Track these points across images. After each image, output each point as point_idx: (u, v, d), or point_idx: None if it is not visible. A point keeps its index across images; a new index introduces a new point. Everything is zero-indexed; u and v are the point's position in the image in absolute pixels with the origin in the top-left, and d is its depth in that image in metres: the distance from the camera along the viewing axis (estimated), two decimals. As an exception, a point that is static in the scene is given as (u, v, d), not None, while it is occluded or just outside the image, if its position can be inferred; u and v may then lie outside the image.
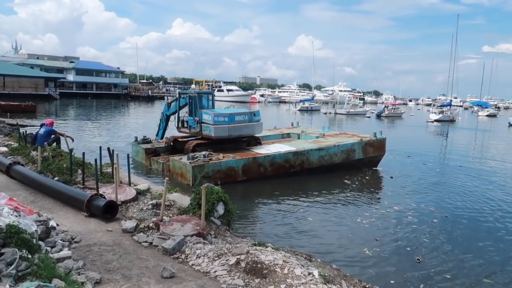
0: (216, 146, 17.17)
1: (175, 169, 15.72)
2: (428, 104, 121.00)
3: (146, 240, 7.18)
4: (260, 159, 16.31)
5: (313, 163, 17.63)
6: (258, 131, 18.42)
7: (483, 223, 12.34)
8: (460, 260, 9.45)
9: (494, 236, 11.26)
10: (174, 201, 9.31)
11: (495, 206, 14.19)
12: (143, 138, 20.11)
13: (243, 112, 18.09)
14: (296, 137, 22.33)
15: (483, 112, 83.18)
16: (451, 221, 12.36)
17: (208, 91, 19.66)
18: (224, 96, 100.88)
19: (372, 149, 19.68)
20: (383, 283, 8.01)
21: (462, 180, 18.37)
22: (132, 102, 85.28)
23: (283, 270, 6.15)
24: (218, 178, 14.23)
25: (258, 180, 15.87)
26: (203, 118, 17.16)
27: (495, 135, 45.53)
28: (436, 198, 15.16)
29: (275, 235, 10.39)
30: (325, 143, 18.94)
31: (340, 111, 67.92)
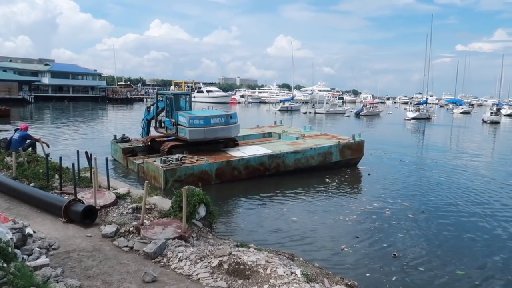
0: (192, 147, 17.15)
1: (148, 171, 15.66)
2: (405, 103, 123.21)
3: (127, 245, 7.08)
4: (234, 163, 16.21)
5: (289, 166, 17.61)
6: (234, 133, 18.39)
7: (457, 217, 12.67)
8: (434, 253, 9.72)
9: (468, 229, 11.58)
10: (155, 204, 9.20)
11: (469, 200, 14.61)
12: (122, 137, 19.99)
13: (219, 115, 17.93)
14: (277, 136, 22.43)
15: (457, 110, 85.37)
16: (427, 216, 12.66)
17: (185, 92, 19.75)
18: (204, 97, 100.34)
19: (350, 152, 19.69)
20: (360, 277, 8.16)
21: (438, 176, 18.81)
22: (110, 104, 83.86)
23: (266, 270, 6.17)
24: (190, 182, 14.07)
25: (232, 182, 15.85)
26: (179, 120, 17.19)
27: (470, 132, 46.83)
28: (412, 194, 15.48)
29: (257, 235, 10.42)
30: (302, 145, 18.97)
31: (320, 110, 68.55)
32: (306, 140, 20.51)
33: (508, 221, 12.34)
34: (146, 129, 20.28)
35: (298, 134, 22.08)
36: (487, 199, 14.82)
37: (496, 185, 17.22)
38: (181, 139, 17.26)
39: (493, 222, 12.24)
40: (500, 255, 9.76)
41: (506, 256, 9.69)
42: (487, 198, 14.95)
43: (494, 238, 10.93)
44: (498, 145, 35.04)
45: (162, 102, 18.97)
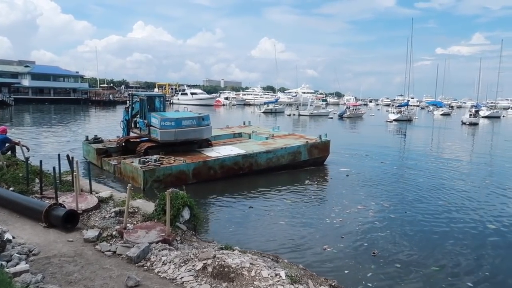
0: (167, 148, 17.46)
1: (126, 172, 15.86)
2: (387, 105, 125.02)
3: (110, 249, 6.99)
4: (210, 163, 16.69)
5: (261, 165, 18.26)
6: (206, 135, 18.76)
7: (436, 216, 12.92)
8: (412, 251, 9.93)
9: (446, 228, 11.83)
10: (138, 207, 9.12)
11: (448, 200, 14.92)
12: (94, 138, 19.93)
13: (191, 117, 18.28)
14: (247, 136, 23.06)
15: (438, 111, 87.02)
16: (407, 215, 12.88)
17: (159, 94, 19.90)
18: (188, 100, 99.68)
19: (317, 151, 20.60)
20: (340, 276, 8.28)
21: (418, 177, 19.12)
22: (93, 107, 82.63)
23: (250, 272, 6.18)
24: (169, 182, 14.85)
25: (208, 182, 16.19)
26: (151, 121, 17.49)
27: (450, 133, 47.83)
28: (391, 194, 15.70)
29: (242, 237, 10.42)
30: (273, 145, 19.72)
31: (304, 112, 68.95)
32: (276, 140, 21.28)
33: (485, 220, 12.65)
34: (126, 130, 20.25)
35: (267, 134, 22.83)
36: (466, 199, 15.16)
37: (474, 186, 17.64)
38: (154, 140, 17.58)
39: (470, 221, 12.53)
40: (476, 252, 10.03)
41: (482, 254, 9.96)
42: (465, 198, 15.29)
43: (471, 236, 11.19)
44: (476, 146, 35.86)
45: (138, 104, 19.07)
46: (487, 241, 10.83)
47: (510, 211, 13.74)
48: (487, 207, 14.17)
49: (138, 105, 19.04)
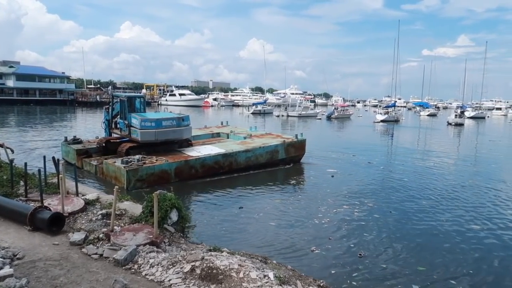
0: (148, 148, 17.69)
1: (108, 172, 16.05)
2: (374, 105, 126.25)
3: (96, 252, 6.91)
4: (192, 162, 17.12)
5: (241, 164, 18.83)
6: (186, 135, 19.19)
7: (422, 216, 13.10)
8: (398, 251, 10.07)
9: (432, 227, 12.03)
10: (126, 210, 9.03)
11: (434, 200, 15.13)
12: (73, 138, 19.91)
13: (171, 117, 18.64)
14: (225, 136, 23.45)
15: (424, 112, 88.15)
16: (393, 216, 13.03)
17: (139, 95, 20.23)
18: (176, 101, 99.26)
19: (293, 150, 21.31)
20: (328, 275, 8.39)
21: (404, 177, 19.35)
22: (80, 108, 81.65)
23: (239, 274, 6.16)
24: (151, 181, 15.34)
25: (190, 180, 16.62)
26: (131, 122, 17.75)
27: (436, 133, 48.46)
28: (377, 194, 15.85)
29: (231, 238, 10.42)
30: (251, 144, 20.35)
31: (292, 113, 69.18)
32: (254, 139, 21.82)
33: (470, 219, 12.85)
34: (108, 131, 20.26)
35: (245, 134, 23.32)
36: (451, 199, 15.39)
37: (459, 185, 17.89)
38: (134, 140, 17.78)
39: (455, 220, 12.73)
40: (461, 251, 10.20)
41: (466, 253, 10.13)
42: (450, 198, 15.52)
43: (456, 236, 11.36)
44: (462, 147, 36.39)
45: (119, 104, 19.18)
46: (472, 241, 11.00)
47: (495, 210, 13.97)
48: (472, 206, 14.39)
49: (118, 106, 19.11)
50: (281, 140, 21.43)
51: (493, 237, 11.31)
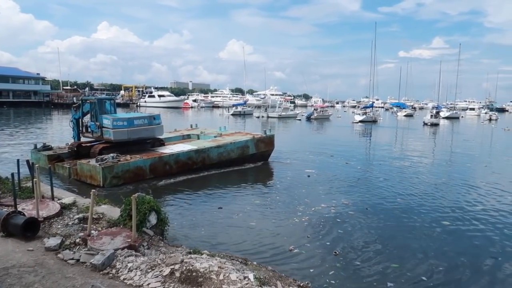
0: (122, 148, 17.90)
1: (83, 172, 16.20)
2: (353, 106, 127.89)
3: (73, 257, 6.78)
4: (166, 158, 17.66)
5: (213, 159, 19.46)
6: (158, 133, 19.75)
7: (398, 214, 13.33)
8: (373, 248, 10.23)
9: (406, 225, 12.27)
10: (103, 213, 8.90)
11: (409, 198, 15.39)
12: (43, 145, 19.69)
13: (143, 116, 19.30)
14: (196, 137, 23.79)
15: (401, 113, 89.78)
16: (369, 214, 13.20)
17: (109, 97, 20.45)
18: (155, 102, 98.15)
19: (263, 145, 22.16)
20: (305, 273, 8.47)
21: (381, 176, 19.65)
22: (56, 110, 79.74)
23: (219, 276, 6.15)
24: (127, 178, 15.86)
25: (165, 177, 17.06)
26: (103, 122, 17.99)
27: (412, 133, 49.50)
28: (353, 193, 16.03)
29: (211, 240, 10.35)
30: (223, 141, 20.94)
31: (272, 114, 69.37)
32: (225, 137, 22.30)
33: (444, 217, 13.14)
34: (76, 129, 20.12)
35: (215, 133, 23.88)
36: (426, 197, 15.72)
37: (434, 184, 18.29)
38: (107, 141, 18.02)
39: (430, 218, 12.99)
40: (434, 248, 10.42)
41: (439, 249, 10.35)
42: (425, 196, 15.85)
43: (430, 233, 11.61)
44: (437, 146, 37.29)
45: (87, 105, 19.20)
46: (445, 238, 11.26)
47: (468, 208, 14.34)
48: (447, 204, 14.74)
49: (87, 106, 19.12)
50: (251, 136, 22.38)
51: (465, 234, 11.60)
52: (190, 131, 25.48)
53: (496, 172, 21.83)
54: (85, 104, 19.26)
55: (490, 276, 8.98)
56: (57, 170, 17.56)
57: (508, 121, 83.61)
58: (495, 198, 15.78)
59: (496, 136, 47.23)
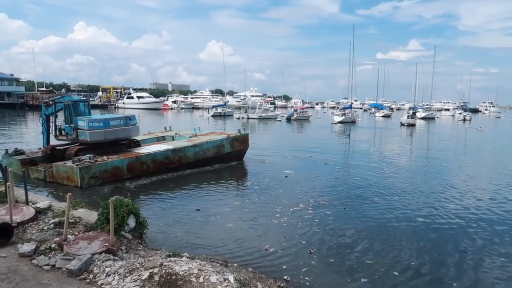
0: (97, 150, 17.80)
1: (59, 173, 16.10)
2: (332, 107, 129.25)
3: (48, 263, 6.62)
4: (143, 158, 17.82)
5: (190, 158, 19.70)
6: (134, 134, 19.93)
7: (374, 212, 13.52)
8: (348, 247, 10.37)
9: (382, 222, 12.49)
10: (80, 217, 8.72)
11: (386, 197, 15.63)
12: (14, 150, 19.24)
13: (118, 117, 19.42)
14: (170, 139, 23.82)
15: (379, 113, 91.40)
16: (346, 212, 13.40)
17: (83, 99, 20.62)
18: (134, 104, 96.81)
19: (238, 143, 22.54)
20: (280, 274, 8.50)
21: (359, 176, 19.85)
22: (31, 112, 77.65)
23: (199, 279, 6.12)
24: (105, 178, 15.92)
25: (142, 177, 17.21)
26: (78, 124, 17.87)
27: (390, 133, 50.45)
28: (331, 193, 16.15)
29: (191, 242, 10.25)
30: (198, 140, 21.26)
31: (253, 115, 69.46)
32: (200, 137, 22.59)
33: (418, 214, 13.40)
34: (45, 125, 19.82)
35: (190, 134, 24.15)
36: (402, 195, 16.00)
37: (411, 183, 18.66)
38: (83, 143, 17.92)
39: (405, 216, 13.24)
40: (409, 245, 10.62)
41: (414, 246, 10.56)
42: (401, 195, 16.12)
43: (404, 230, 11.84)
44: (414, 146, 38.06)
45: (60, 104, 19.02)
46: (419, 235, 11.47)
47: (443, 206, 14.69)
48: (422, 202, 15.06)
49: (59, 106, 18.99)
50: (226, 135, 22.79)
51: (439, 231, 11.85)
52: (164, 133, 25.48)
53: (470, 171, 22.47)
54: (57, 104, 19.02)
55: (460, 270, 9.24)
56: (31, 174, 17.16)
57: (481, 121, 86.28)
58: (468, 196, 16.23)
59: (470, 136, 48.61)
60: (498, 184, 18.78)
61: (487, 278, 8.91)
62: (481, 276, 8.98)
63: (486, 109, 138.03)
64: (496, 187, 18.10)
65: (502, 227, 12.37)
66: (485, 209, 14.35)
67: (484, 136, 49.08)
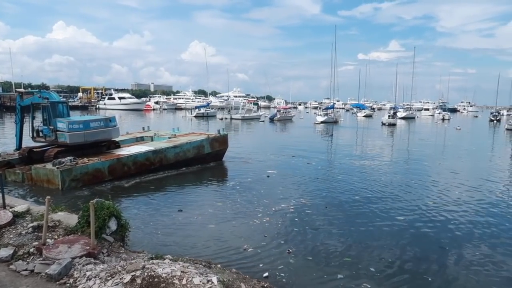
0: (77, 152, 17.68)
1: (39, 176, 15.88)
2: (315, 107, 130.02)
3: (27, 268, 6.48)
4: (124, 159, 17.77)
5: (171, 159, 19.76)
6: (114, 135, 19.81)
7: (355, 211, 13.77)
8: (327, 245, 10.53)
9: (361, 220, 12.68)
10: (60, 221, 8.56)
11: (366, 196, 15.87)
12: None
13: (98, 119, 19.39)
14: (149, 139, 23.80)
15: (361, 113, 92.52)
16: (327, 211, 13.56)
17: (62, 100, 20.01)
18: (116, 104, 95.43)
19: (217, 144, 22.75)
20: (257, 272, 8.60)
21: (341, 175, 20.12)
22: (8, 113, 75.69)
23: (182, 281, 6.08)
24: (86, 180, 15.82)
25: (124, 179, 17.13)
26: (57, 126, 17.64)
27: (371, 133, 51.15)
28: (314, 192, 16.34)
29: (174, 244, 10.22)
30: (179, 141, 21.33)
31: (236, 116, 69.38)
32: (179, 138, 22.64)
33: (396, 213, 13.66)
34: (19, 115, 19.63)
35: (169, 135, 24.15)
36: (383, 194, 16.27)
37: (392, 181, 18.97)
38: (62, 145, 17.67)
39: (385, 214, 13.50)
40: (387, 242, 10.84)
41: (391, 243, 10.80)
42: (382, 193, 16.40)
43: (382, 228, 12.06)
44: (395, 145, 38.62)
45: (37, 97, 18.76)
46: (398, 232, 11.72)
47: (423, 204, 14.98)
48: (402, 201, 15.33)
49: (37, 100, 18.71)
50: (206, 136, 22.95)
51: (417, 229, 12.10)
52: (143, 134, 25.35)
53: (449, 170, 22.94)
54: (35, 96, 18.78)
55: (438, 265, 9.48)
56: (8, 177, 16.75)
57: (460, 120, 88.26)
58: (447, 194, 16.61)
59: (449, 135, 49.65)
60: (475, 182, 19.27)
61: (465, 273, 9.14)
62: (459, 271, 9.22)
63: (464, 109, 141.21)
64: (474, 185, 18.57)
65: (480, 223, 12.73)
66: (463, 206, 14.74)
67: (462, 135, 50.21)
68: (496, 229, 12.19)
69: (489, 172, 22.20)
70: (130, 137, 24.38)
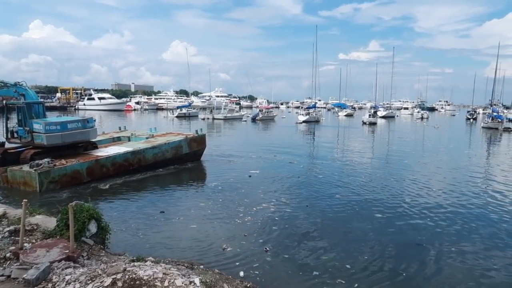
0: (54, 153, 17.41)
1: (15, 178, 15.61)
2: (297, 107, 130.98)
3: (3, 274, 6.32)
4: (103, 161, 17.67)
5: (149, 160, 19.80)
6: (92, 136, 19.71)
7: (335, 210, 13.87)
8: (305, 243, 10.63)
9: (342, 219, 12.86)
10: (38, 224, 8.37)
11: (347, 194, 16.07)
12: None
13: (76, 120, 19.15)
14: (126, 139, 23.64)
15: (342, 113, 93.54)
16: (307, 211, 13.65)
17: (38, 101, 19.31)
18: (95, 105, 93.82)
19: (195, 144, 22.90)
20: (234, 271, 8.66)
21: (323, 174, 20.30)
22: (-19, 114, 73.52)
23: (164, 283, 6.02)
24: (64, 182, 15.65)
25: (102, 180, 16.97)
26: (34, 127, 17.30)
27: (352, 132, 51.83)
28: (295, 192, 16.47)
29: (155, 245, 10.13)
30: (157, 142, 21.37)
31: (218, 116, 69.17)
32: (157, 138, 22.63)
33: (377, 210, 13.89)
34: None
35: (146, 135, 24.10)
36: (363, 192, 16.52)
37: (373, 180, 19.28)
38: (38, 146, 17.35)
39: (365, 212, 13.70)
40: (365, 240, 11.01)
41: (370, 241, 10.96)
42: (363, 191, 16.65)
43: (363, 226, 12.22)
44: (375, 144, 39.27)
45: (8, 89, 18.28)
46: (377, 230, 11.91)
47: (403, 201, 15.26)
48: (381, 199, 15.57)
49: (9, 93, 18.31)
50: (184, 136, 23.02)
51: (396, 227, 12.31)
52: (119, 134, 25.09)
53: (428, 167, 23.46)
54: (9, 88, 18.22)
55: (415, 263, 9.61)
56: None
57: (438, 119, 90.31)
58: (426, 191, 16.97)
59: (428, 134, 50.70)
60: (454, 179, 19.76)
61: (443, 269, 9.35)
62: (437, 268, 9.41)
63: (442, 108, 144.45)
64: (453, 182, 19.04)
65: (458, 220, 13.03)
66: (443, 203, 15.06)
67: (440, 134, 51.35)
68: (474, 225, 12.52)
69: (467, 170, 22.79)
70: (107, 137, 24.06)
